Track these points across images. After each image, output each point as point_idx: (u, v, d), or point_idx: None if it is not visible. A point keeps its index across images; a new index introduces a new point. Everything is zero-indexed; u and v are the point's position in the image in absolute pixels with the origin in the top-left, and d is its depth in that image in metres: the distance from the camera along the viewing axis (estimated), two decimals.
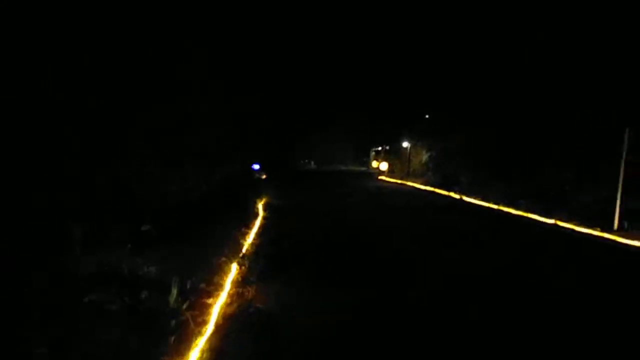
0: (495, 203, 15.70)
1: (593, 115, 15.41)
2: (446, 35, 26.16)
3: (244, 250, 7.49)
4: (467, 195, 18.07)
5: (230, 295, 5.28)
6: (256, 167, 30.04)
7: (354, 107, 44.84)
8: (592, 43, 15.92)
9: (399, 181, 28.99)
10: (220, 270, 6.00)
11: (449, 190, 19.93)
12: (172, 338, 3.93)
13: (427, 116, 34.78)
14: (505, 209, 14.52)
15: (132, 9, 8.53)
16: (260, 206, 13.57)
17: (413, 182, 26.54)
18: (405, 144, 30.07)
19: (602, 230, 10.47)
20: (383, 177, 34.48)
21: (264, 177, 29.59)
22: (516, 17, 19.88)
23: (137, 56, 8.65)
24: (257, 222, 10.71)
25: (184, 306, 4.45)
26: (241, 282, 5.89)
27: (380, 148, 45.85)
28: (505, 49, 20.44)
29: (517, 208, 14.31)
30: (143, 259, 5.38)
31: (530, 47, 18.88)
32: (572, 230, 11.00)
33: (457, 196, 18.56)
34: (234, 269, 6.35)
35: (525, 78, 19.05)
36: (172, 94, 10.72)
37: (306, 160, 56.23)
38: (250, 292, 5.48)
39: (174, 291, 4.50)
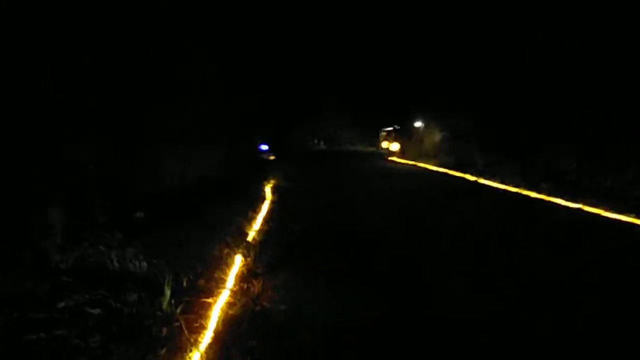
0: (515, 185, 14.94)
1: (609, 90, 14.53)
2: (459, 13, 25.12)
3: (249, 239, 6.89)
4: (483, 177, 17.32)
5: (233, 293, 4.68)
6: (264, 147, 29.38)
7: (363, 85, 43.75)
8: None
9: (411, 162, 28.19)
10: (222, 263, 5.40)
11: (464, 172, 19.16)
12: (163, 350, 3.34)
13: (433, 98, 33.74)
14: (525, 192, 13.76)
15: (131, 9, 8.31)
16: (268, 189, 12.96)
17: (426, 163, 25.75)
18: (417, 124, 29.18)
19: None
20: (394, 158, 33.68)
21: (272, 157, 29.01)
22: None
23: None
24: (265, 207, 10.10)
25: (178, 310, 3.85)
26: (246, 275, 5.30)
27: (390, 128, 44.91)
28: (517, 28, 19.46)
29: (538, 191, 13.55)
30: (135, 249, 4.78)
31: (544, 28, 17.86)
32: (611, 218, 10.20)
33: (472, 178, 17.80)
34: (238, 260, 5.75)
35: (540, 54, 18.08)
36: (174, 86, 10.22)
37: (315, 141, 55.48)
38: (256, 287, 4.89)
39: (167, 292, 3.90)
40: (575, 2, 16.26)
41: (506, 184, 15.42)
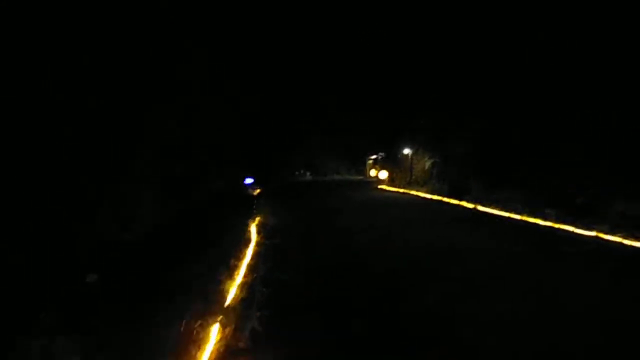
0: (516, 212, 13.99)
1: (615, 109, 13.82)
2: (444, 31, 24.58)
3: (230, 299, 5.70)
4: (482, 204, 16.36)
5: None
6: (249, 181, 28.28)
7: (347, 111, 43.00)
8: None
9: (402, 190, 27.23)
10: (191, 343, 4.21)
11: (459, 199, 18.19)
12: None
13: (422, 122, 33.18)
14: (531, 220, 12.78)
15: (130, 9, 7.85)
16: (253, 228, 11.77)
17: (417, 190, 24.80)
18: (406, 151, 28.38)
19: None
20: (383, 187, 32.72)
21: (258, 191, 27.93)
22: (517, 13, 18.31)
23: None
24: (249, 251, 8.91)
25: None
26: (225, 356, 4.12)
27: (376, 156, 44.20)
28: (506, 45, 18.88)
29: (544, 218, 12.59)
30: (69, 340, 3.55)
31: (531, 45, 17.26)
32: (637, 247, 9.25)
33: (470, 205, 16.83)
34: (214, 332, 4.56)
35: (535, 71, 17.43)
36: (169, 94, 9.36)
37: (301, 171, 54.47)
38: None
39: None
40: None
41: (508, 211, 14.45)
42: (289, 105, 42.15)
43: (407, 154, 28.31)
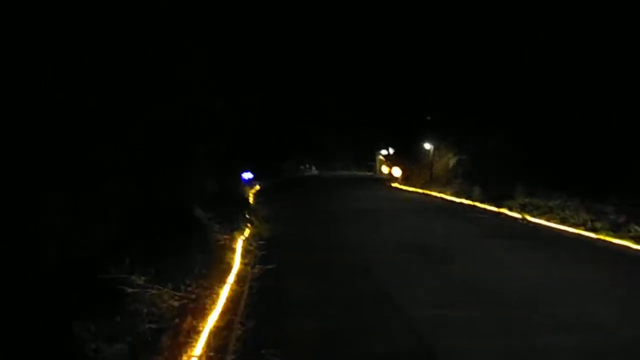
0: (585, 227, 10.74)
1: None
2: (463, 20, 21.47)
3: None
4: (529, 214, 13.11)
5: None
6: (247, 176, 25.03)
7: (359, 101, 39.67)
8: None
9: (420, 190, 23.99)
10: None
11: (498, 205, 14.88)
12: None
13: (428, 117, 29.87)
14: (616, 240, 9.50)
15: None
16: (240, 244, 8.59)
17: (439, 192, 21.53)
18: (427, 146, 25.05)
19: None
20: (397, 185, 29.52)
21: (257, 188, 24.89)
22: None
23: None
24: (225, 289, 5.74)
25: None
26: None
27: (388, 151, 41.01)
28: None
29: (632, 237, 9.32)
30: None
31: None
32: None
33: (515, 214, 13.56)
34: None
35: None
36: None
37: (307, 165, 51.26)
38: None
39: None
40: None
41: (571, 225, 11.19)
42: (294, 100, 38.99)
43: (429, 150, 24.96)
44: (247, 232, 10.03)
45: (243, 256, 7.76)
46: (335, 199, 19.83)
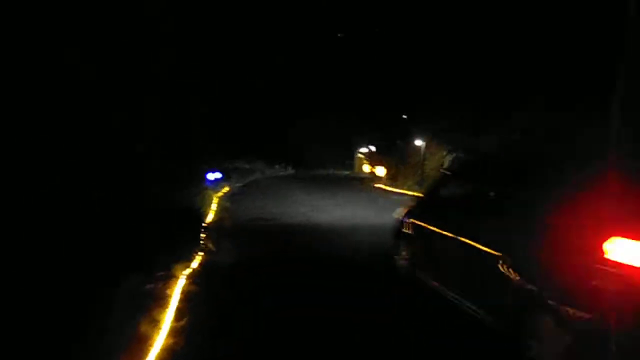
0: None
1: None
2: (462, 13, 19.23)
3: None
4: None
5: None
6: (213, 176, 21.90)
7: (337, 101, 37.19)
8: None
9: (409, 192, 21.28)
10: None
11: None
12: None
13: (404, 116, 27.43)
14: None
15: None
16: (179, 287, 5.64)
17: None
18: (418, 142, 22.37)
19: None
20: (382, 186, 26.71)
21: (226, 189, 22.02)
22: None
23: None
24: None
25: None
26: None
27: (369, 148, 38.53)
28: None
29: None
30: None
31: None
32: None
33: None
34: None
35: None
36: None
37: (282, 164, 48.19)
38: None
39: None
40: None
41: None
42: (270, 95, 36.23)
43: (420, 146, 22.30)
44: (188, 264, 7.03)
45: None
46: (316, 208, 16.89)
